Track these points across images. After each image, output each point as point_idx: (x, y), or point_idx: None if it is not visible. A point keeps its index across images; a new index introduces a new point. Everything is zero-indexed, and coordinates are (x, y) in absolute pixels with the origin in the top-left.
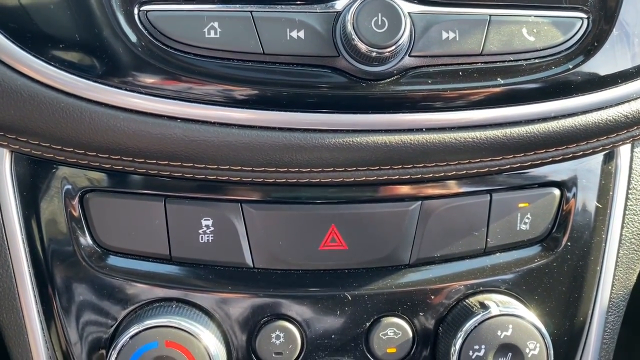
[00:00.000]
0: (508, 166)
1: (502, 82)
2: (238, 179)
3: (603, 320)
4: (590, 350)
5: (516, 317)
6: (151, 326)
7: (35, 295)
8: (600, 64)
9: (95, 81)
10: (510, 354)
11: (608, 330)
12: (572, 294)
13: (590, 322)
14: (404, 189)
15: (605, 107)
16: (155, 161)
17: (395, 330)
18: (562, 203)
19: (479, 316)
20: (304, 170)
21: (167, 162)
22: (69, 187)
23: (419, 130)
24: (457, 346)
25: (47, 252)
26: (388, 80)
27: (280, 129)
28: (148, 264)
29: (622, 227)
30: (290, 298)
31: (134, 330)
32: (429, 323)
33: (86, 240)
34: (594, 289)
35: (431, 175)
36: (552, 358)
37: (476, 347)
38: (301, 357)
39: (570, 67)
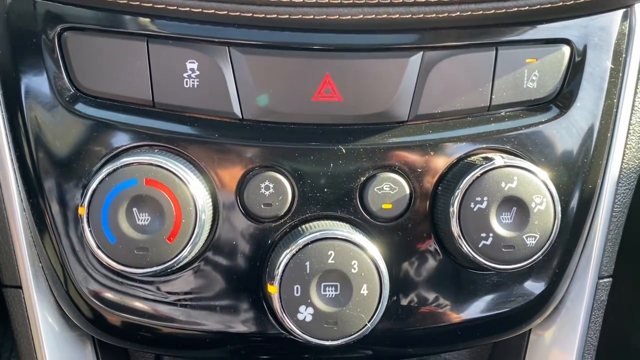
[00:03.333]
0: (515, 9)
1: None
2: (225, 12)
3: (613, 191)
4: (600, 220)
5: (522, 169)
6: (129, 163)
7: (8, 141)
8: None
9: None
10: (515, 208)
11: (618, 203)
12: (581, 159)
13: (600, 192)
14: (405, 37)
15: None
16: None
17: (391, 186)
18: (572, 61)
19: (481, 167)
20: (296, 0)
21: None
22: (46, 24)
23: None
24: (458, 198)
25: (21, 95)
26: None
27: None
28: (131, 110)
29: (635, 93)
30: (281, 149)
31: (110, 167)
32: (427, 180)
33: (64, 82)
34: (604, 156)
35: (434, 15)
36: (560, 216)
37: (478, 198)
38: (292, 210)
39: None
